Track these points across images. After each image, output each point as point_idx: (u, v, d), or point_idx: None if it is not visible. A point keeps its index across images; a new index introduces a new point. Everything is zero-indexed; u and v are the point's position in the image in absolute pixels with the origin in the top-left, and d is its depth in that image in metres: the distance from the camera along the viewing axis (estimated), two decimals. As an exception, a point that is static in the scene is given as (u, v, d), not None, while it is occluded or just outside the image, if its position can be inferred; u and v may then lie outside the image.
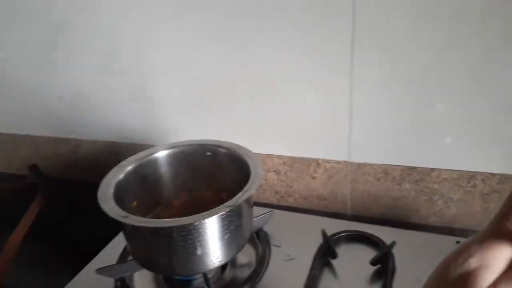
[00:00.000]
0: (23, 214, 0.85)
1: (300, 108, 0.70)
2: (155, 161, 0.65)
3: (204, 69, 0.73)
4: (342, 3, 0.60)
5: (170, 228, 0.51)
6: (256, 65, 0.69)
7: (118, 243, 0.69)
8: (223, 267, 0.62)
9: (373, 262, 0.58)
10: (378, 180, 0.70)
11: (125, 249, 0.67)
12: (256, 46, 0.67)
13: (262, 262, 0.61)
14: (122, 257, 0.66)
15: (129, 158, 0.63)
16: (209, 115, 0.77)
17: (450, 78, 0.60)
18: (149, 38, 0.74)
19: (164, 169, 0.67)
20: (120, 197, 0.55)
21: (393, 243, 0.60)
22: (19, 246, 0.78)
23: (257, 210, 0.67)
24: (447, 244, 0.61)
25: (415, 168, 0.68)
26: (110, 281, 0.60)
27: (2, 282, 0.70)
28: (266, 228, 0.68)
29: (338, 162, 0.72)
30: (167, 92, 0.78)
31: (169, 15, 0.70)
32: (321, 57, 0.65)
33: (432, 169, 0.67)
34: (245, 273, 0.61)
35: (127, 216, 0.51)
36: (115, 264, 0.62)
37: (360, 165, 0.70)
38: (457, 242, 0.59)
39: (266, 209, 0.69)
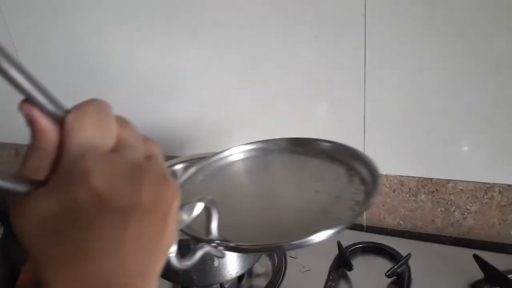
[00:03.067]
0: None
1: (314, 119, 0.71)
2: (173, 174, 0.67)
3: (218, 82, 0.74)
4: (353, 16, 0.61)
5: (188, 240, 0.52)
6: (269, 77, 0.70)
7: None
8: (240, 278, 0.64)
9: (389, 274, 0.58)
10: (394, 191, 0.71)
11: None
12: (270, 57, 0.69)
13: (278, 273, 0.62)
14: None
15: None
16: (223, 128, 0.79)
17: (465, 89, 0.60)
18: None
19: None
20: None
21: (409, 255, 0.60)
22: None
23: (273, 221, 0.68)
24: (464, 257, 0.61)
25: (430, 179, 0.68)
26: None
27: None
28: (282, 239, 0.69)
29: (353, 173, 0.72)
30: (186, 106, 0.80)
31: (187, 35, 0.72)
32: (334, 70, 0.66)
33: (448, 181, 0.67)
34: (261, 283, 0.62)
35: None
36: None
37: (375, 176, 0.71)
38: (474, 255, 0.59)
39: (282, 220, 0.70)
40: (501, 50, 0.56)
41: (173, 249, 0.34)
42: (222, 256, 0.42)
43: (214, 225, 0.39)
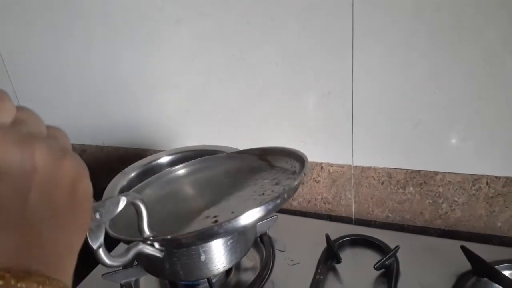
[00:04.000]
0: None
1: (302, 112, 0.70)
2: (158, 168, 0.66)
3: (204, 75, 0.73)
4: (341, 7, 0.60)
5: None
6: (256, 70, 0.69)
7: (123, 248, 0.70)
8: (227, 272, 0.63)
9: (378, 267, 0.58)
10: (382, 183, 0.70)
11: (130, 254, 0.67)
12: (257, 49, 0.68)
13: (266, 267, 0.62)
14: (128, 263, 0.66)
15: (132, 165, 0.64)
16: (210, 121, 0.77)
17: (453, 81, 0.60)
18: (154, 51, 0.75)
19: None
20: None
21: (397, 247, 0.60)
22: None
23: (261, 215, 0.67)
24: (452, 248, 0.61)
25: (419, 171, 0.68)
26: (116, 286, 0.61)
27: None
28: (270, 233, 0.69)
29: (341, 166, 0.72)
30: (172, 99, 0.79)
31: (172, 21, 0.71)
32: (322, 61, 0.65)
33: (436, 173, 0.67)
34: (249, 277, 0.61)
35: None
36: (121, 269, 0.63)
37: (363, 169, 0.70)
38: (461, 246, 0.59)
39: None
40: (489, 43, 0.56)
41: (99, 242, 0.35)
42: (159, 255, 0.43)
43: (145, 223, 0.40)
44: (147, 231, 0.42)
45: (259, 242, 0.67)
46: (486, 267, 0.55)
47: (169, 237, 0.42)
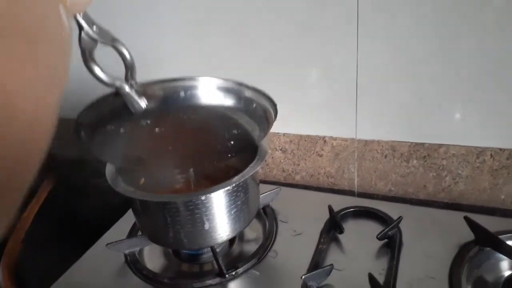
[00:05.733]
0: (33, 194, 0.86)
1: (305, 86, 0.69)
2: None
3: (207, 48, 0.72)
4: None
5: (177, 202, 0.51)
6: (261, 43, 0.68)
7: (128, 219, 0.70)
8: (231, 242, 0.63)
9: (381, 237, 0.58)
10: (386, 157, 0.70)
11: (134, 224, 0.68)
12: (261, 24, 0.67)
13: (269, 237, 0.62)
14: (132, 233, 0.67)
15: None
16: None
17: (459, 54, 0.59)
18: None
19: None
20: (127, 175, 0.56)
21: (400, 218, 0.60)
22: (30, 226, 0.79)
23: (264, 188, 0.68)
24: (454, 219, 0.61)
25: (422, 144, 0.67)
26: (121, 256, 0.61)
27: (15, 260, 0.71)
28: (273, 205, 0.69)
29: (345, 139, 0.71)
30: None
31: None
32: (326, 33, 0.64)
33: (440, 145, 0.66)
34: (252, 247, 0.61)
35: (134, 191, 0.52)
36: (124, 239, 0.63)
37: (367, 142, 0.70)
38: (465, 217, 0.59)
39: (273, 187, 0.69)
40: (495, 15, 0.55)
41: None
42: (140, 106, 0.39)
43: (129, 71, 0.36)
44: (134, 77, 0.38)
45: (262, 213, 0.67)
46: (489, 237, 0.55)
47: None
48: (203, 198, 0.51)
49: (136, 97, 0.38)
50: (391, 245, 0.58)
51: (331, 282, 0.53)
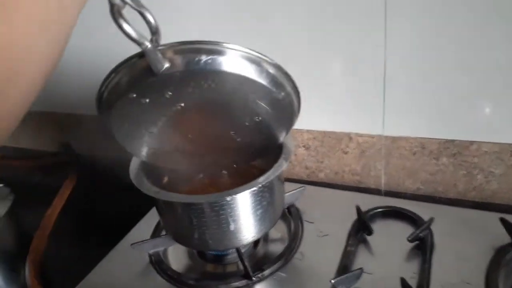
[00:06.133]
0: (56, 191, 0.87)
1: (329, 80, 0.67)
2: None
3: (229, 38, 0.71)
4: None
5: (202, 203, 0.50)
6: (282, 34, 0.66)
7: (151, 218, 0.70)
8: (255, 243, 0.62)
9: (412, 239, 0.56)
10: (414, 154, 0.68)
11: (158, 224, 0.67)
12: (281, 13, 0.64)
13: (295, 238, 0.61)
14: (156, 232, 0.66)
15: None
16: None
17: (492, 44, 0.56)
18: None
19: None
20: (151, 173, 0.55)
21: (431, 219, 0.58)
22: (54, 223, 0.80)
23: (287, 186, 0.66)
24: (488, 220, 0.58)
25: (453, 141, 0.65)
26: (145, 256, 0.61)
27: (41, 257, 0.72)
28: (297, 204, 0.67)
29: (371, 136, 0.69)
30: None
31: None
32: (352, 24, 0.61)
33: (472, 142, 0.64)
34: (278, 248, 0.60)
35: (158, 192, 0.51)
36: (149, 239, 0.63)
37: (395, 139, 0.68)
38: (501, 218, 0.56)
39: (296, 185, 0.68)
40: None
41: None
42: (160, 67, 0.39)
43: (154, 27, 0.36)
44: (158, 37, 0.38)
45: (287, 213, 0.66)
46: (527, 240, 0.53)
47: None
48: (228, 199, 0.50)
49: (160, 55, 0.39)
50: (422, 247, 0.56)
51: (361, 286, 0.51)
